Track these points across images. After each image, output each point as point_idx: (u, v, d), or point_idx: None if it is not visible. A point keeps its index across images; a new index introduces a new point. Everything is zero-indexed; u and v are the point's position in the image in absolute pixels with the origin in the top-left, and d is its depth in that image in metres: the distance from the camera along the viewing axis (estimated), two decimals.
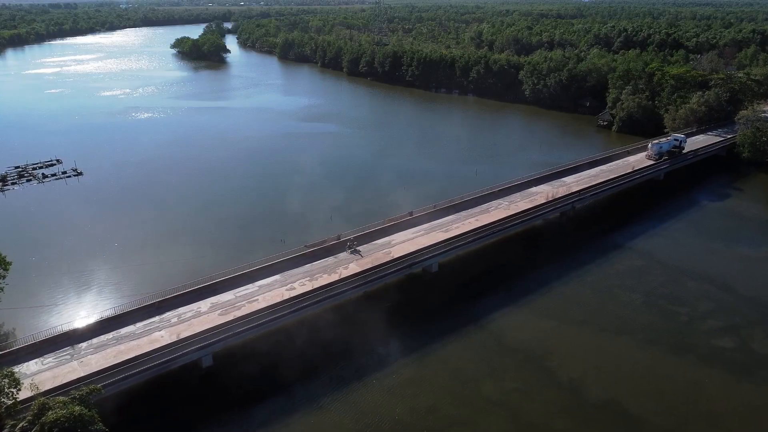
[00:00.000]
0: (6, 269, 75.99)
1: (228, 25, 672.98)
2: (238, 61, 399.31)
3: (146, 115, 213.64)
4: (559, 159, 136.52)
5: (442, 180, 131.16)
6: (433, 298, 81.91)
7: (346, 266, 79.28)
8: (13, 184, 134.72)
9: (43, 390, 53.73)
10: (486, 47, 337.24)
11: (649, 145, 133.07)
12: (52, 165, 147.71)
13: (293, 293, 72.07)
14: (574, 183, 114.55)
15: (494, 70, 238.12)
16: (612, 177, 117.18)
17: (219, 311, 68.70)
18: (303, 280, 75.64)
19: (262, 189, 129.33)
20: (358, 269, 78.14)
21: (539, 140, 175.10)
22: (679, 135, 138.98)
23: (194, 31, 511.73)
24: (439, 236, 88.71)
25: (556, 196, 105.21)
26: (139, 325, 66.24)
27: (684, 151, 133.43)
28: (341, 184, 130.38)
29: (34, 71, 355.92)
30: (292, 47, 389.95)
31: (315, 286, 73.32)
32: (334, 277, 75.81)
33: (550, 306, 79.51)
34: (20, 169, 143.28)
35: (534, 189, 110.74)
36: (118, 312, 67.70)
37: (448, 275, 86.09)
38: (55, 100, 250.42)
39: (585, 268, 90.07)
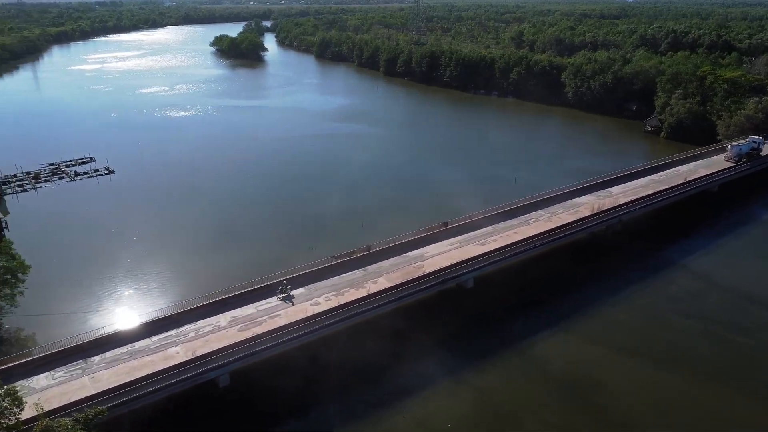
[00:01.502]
0: (25, 273, 73.65)
1: (267, 24, 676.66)
2: (276, 59, 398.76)
3: (181, 113, 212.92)
4: (604, 167, 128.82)
5: (479, 186, 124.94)
6: (467, 316, 76.34)
7: (374, 280, 74.33)
8: (45, 181, 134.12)
9: (50, 409, 50.22)
10: (527, 47, 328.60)
11: (728, 147, 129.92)
12: (85, 162, 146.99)
13: (317, 309, 67.45)
14: (620, 194, 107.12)
15: (535, 72, 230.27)
16: (662, 188, 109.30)
17: (239, 326, 64.51)
18: (329, 295, 70.96)
19: (293, 192, 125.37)
20: (388, 284, 73.09)
21: (582, 146, 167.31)
22: (756, 137, 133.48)
23: (234, 29, 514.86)
24: (476, 249, 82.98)
25: (602, 209, 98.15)
26: (154, 339, 62.52)
27: (762, 154, 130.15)
28: (373, 189, 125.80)
29: (76, 67, 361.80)
30: (329, 46, 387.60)
31: (341, 302, 68.53)
32: (362, 293, 70.89)
33: (597, 330, 73.06)
34: (54, 167, 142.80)
35: (577, 200, 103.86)
36: (134, 324, 64.10)
37: (485, 292, 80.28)
38: (93, 97, 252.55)
39: (634, 288, 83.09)
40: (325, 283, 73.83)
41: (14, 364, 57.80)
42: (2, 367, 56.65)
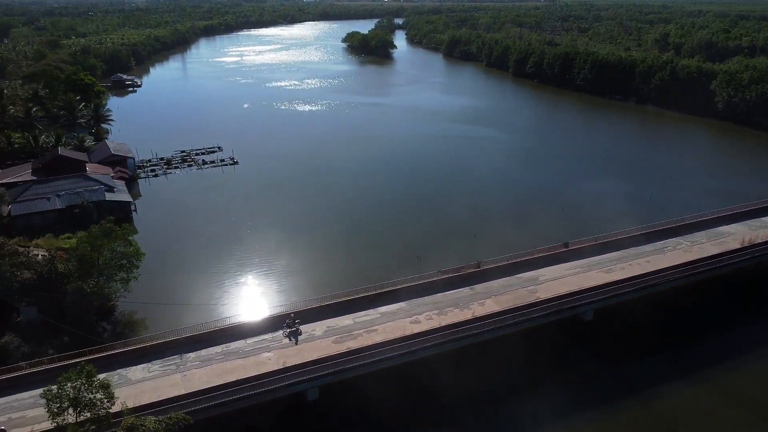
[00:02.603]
0: (139, 260, 75.84)
1: (399, 21, 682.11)
2: (403, 57, 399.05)
3: (306, 107, 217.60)
4: (759, 191, 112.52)
5: (608, 203, 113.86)
6: (583, 354, 68.45)
7: (481, 302, 68.51)
8: (176, 167, 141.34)
9: (139, 405, 50.19)
10: (672, 51, 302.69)
11: None
12: (213, 152, 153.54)
13: (417, 328, 62.96)
14: None
15: (681, 78, 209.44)
16: None
17: (334, 337, 61.70)
18: (430, 313, 66.26)
19: (407, 194, 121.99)
20: (496, 308, 67.00)
21: (733, 165, 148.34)
22: None
23: (367, 26, 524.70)
24: (599, 277, 74.28)
25: (754, 241, 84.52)
26: (249, 341, 61.33)
27: None
28: (492, 198, 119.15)
29: (217, 59, 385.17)
30: (458, 44, 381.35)
31: (442, 323, 63.54)
32: (466, 315, 65.42)
33: (747, 389, 61.93)
34: (185, 154, 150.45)
35: (724, 228, 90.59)
36: (231, 323, 63.41)
37: (605, 326, 71.54)
38: (229, 88, 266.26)
39: None
40: (428, 300, 69.17)
41: (115, 352, 58.87)
42: (104, 355, 57.86)
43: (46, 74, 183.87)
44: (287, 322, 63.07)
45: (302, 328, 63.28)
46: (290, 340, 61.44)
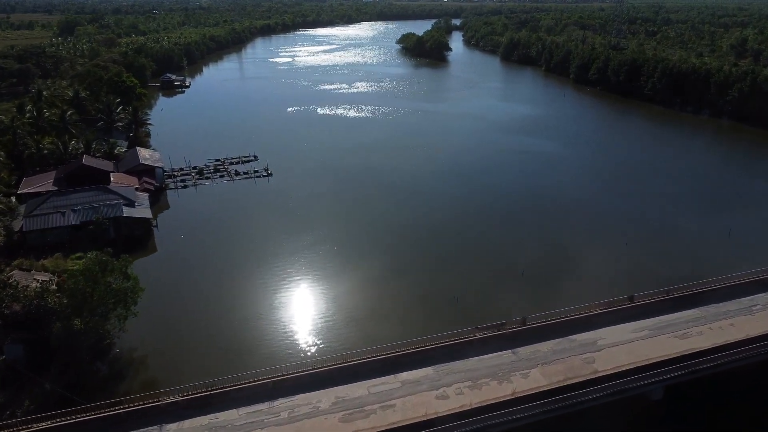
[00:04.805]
0: (137, 296, 67.55)
1: (456, 22, 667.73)
2: (459, 59, 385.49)
3: (353, 113, 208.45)
4: None
5: (681, 243, 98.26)
6: None
7: (525, 372, 56.66)
8: (207, 178, 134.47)
9: None
10: (750, 58, 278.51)
11: None
12: (248, 161, 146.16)
13: (443, 404, 51.83)
14: None
15: (764, 90, 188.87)
16: None
17: (342, 413, 51.29)
18: (461, 385, 54.85)
19: (447, 216, 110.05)
20: (543, 381, 55.10)
21: None
22: None
23: (424, 27, 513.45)
24: (671, 344, 61.08)
25: None
26: (242, 411, 51.61)
27: None
28: (541, 228, 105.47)
29: (270, 59, 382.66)
30: (517, 48, 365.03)
31: (475, 402, 52.08)
32: (505, 390, 53.81)
33: None
34: (218, 163, 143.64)
35: None
36: (228, 386, 53.73)
37: (679, 409, 58.59)
38: (276, 90, 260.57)
39: None
40: (460, 365, 57.73)
41: (89, 417, 50.31)
42: (74, 420, 49.39)
43: (90, 75, 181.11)
44: None
45: (305, 396, 53.18)
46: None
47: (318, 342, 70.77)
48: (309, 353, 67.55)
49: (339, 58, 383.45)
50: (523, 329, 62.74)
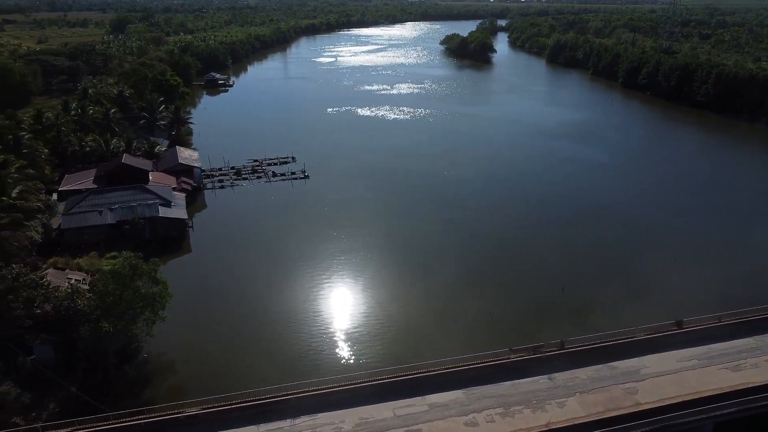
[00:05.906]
0: (165, 302, 66.80)
1: (502, 23, 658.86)
2: (503, 61, 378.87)
3: (392, 116, 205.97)
4: None
5: (737, 265, 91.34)
6: None
7: (562, 401, 53.24)
8: (244, 178, 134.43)
9: None
10: None
11: None
12: (286, 162, 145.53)
13: None
14: None
15: None
16: None
17: None
18: (492, 411, 51.87)
19: (484, 225, 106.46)
20: (581, 412, 51.61)
21: None
22: None
23: (469, 27, 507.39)
24: (722, 375, 56.67)
25: None
26: (262, 428, 49.95)
27: None
28: (584, 244, 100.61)
29: (313, 59, 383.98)
30: (563, 50, 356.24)
31: (507, 431, 49.14)
32: (539, 420, 50.56)
33: None
34: (256, 163, 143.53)
35: None
36: (256, 400, 52.24)
37: None
38: (317, 90, 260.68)
39: None
40: (492, 390, 54.68)
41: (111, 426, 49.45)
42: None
43: (135, 73, 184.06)
44: None
45: (329, 415, 51.15)
46: None
47: (345, 356, 68.80)
48: (335, 369, 65.43)
49: (382, 59, 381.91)
50: (561, 353, 59.20)
